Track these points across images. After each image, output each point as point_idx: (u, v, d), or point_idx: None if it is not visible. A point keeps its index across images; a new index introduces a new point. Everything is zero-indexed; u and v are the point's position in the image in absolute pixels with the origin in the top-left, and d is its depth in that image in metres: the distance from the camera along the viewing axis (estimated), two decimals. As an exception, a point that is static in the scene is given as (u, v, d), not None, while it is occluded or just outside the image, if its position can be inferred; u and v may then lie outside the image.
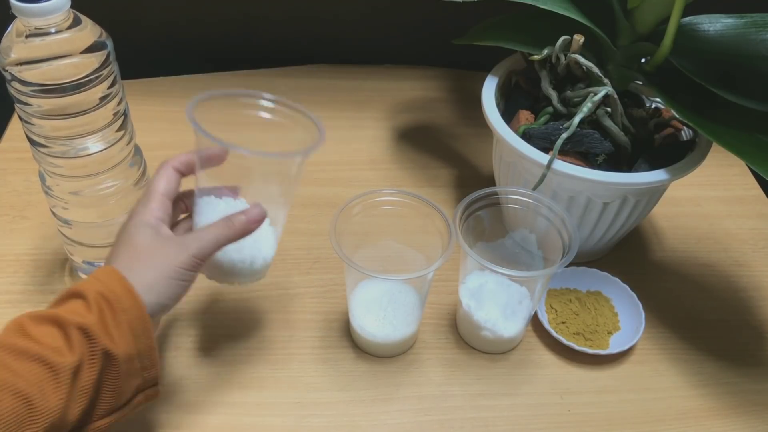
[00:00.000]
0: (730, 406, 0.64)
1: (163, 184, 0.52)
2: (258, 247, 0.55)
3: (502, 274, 0.58)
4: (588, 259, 0.76)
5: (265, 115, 0.54)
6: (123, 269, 0.47)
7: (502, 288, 0.65)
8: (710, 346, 0.69)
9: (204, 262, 0.50)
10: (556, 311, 0.69)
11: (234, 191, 0.55)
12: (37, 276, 0.70)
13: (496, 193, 0.64)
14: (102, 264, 0.51)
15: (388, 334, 0.63)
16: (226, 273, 0.55)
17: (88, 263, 0.67)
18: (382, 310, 0.63)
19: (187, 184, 0.54)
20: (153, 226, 0.50)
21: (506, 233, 0.69)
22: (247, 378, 0.63)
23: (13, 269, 0.71)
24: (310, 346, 0.66)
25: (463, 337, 0.68)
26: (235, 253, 0.54)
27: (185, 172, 0.54)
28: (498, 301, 0.64)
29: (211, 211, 0.53)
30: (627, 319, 0.69)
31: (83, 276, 0.69)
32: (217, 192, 0.54)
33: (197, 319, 0.68)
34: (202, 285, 0.57)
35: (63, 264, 0.71)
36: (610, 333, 0.68)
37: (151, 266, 0.48)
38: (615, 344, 0.67)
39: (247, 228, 0.51)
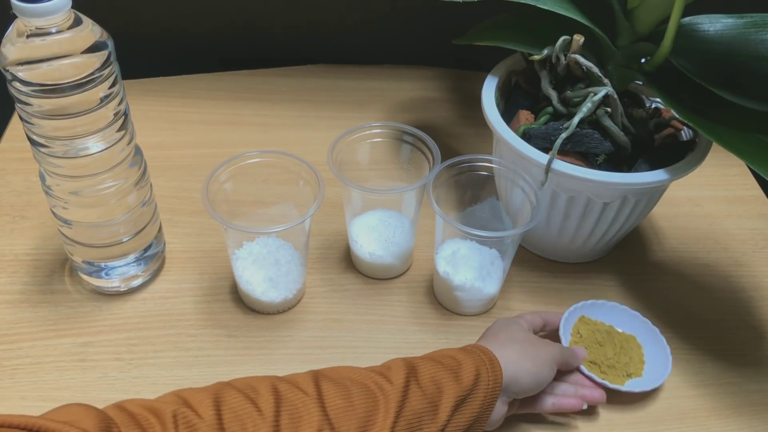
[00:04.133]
0: (730, 406, 0.65)
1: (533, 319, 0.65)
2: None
3: (475, 235, 0.61)
4: (588, 259, 0.76)
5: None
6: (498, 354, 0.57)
7: (474, 252, 0.67)
8: (710, 346, 0.70)
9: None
10: (581, 336, 0.66)
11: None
12: (37, 276, 0.70)
13: (463, 162, 0.67)
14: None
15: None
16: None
17: (88, 263, 0.67)
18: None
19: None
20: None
21: (477, 201, 0.72)
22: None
23: (13, 269, 0.71)
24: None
25: (442, 303, 0.70)
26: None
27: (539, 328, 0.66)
28: (472, 264, 0.67)
29: None
30: (651, 371, 0.65)
31: (83, 276, 0.69)
32: None
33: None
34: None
35: (63, 264, 0.71)
36: (629, 375, 0.65)
37: (526, 356, 0.58)
38: (630, 385, 0.64)
39: (575, 365, 0.63)
